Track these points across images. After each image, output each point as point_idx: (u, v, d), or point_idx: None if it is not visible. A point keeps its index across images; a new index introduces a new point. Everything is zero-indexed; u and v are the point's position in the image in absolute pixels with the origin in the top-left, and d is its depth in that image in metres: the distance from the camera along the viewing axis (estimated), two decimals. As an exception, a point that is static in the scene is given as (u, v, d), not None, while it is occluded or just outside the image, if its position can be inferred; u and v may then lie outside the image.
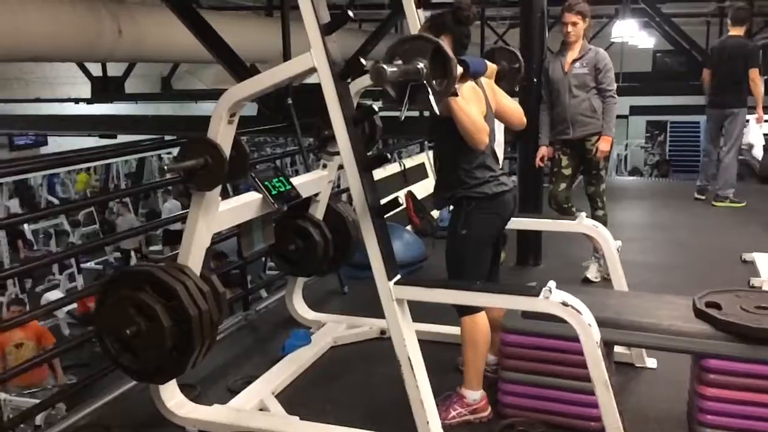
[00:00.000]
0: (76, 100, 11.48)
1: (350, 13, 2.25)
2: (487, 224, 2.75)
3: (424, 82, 1.98)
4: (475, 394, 2.72)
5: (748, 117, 6.36)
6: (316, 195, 3.47)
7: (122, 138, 11.43)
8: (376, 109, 2.34)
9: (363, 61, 2.24)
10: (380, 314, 3.65)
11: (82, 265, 9.36)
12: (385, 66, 1.91)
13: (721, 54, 6.29)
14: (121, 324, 2.41)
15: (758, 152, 6.75)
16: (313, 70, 2.29)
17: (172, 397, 2.73)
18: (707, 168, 6.72)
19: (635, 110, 16.04)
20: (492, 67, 2.98)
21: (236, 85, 2.45)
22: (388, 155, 6.23)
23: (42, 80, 14.05)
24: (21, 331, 5.69)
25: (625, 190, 7.60)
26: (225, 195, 2.73)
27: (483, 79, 2.77)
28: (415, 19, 3.20)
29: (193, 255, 2.57)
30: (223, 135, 2.46)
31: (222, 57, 4.97)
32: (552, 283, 2.21)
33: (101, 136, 11.78)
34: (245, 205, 2.88)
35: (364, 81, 3.09)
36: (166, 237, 8.67)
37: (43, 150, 14.63)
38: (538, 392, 2.66)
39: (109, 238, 7.61)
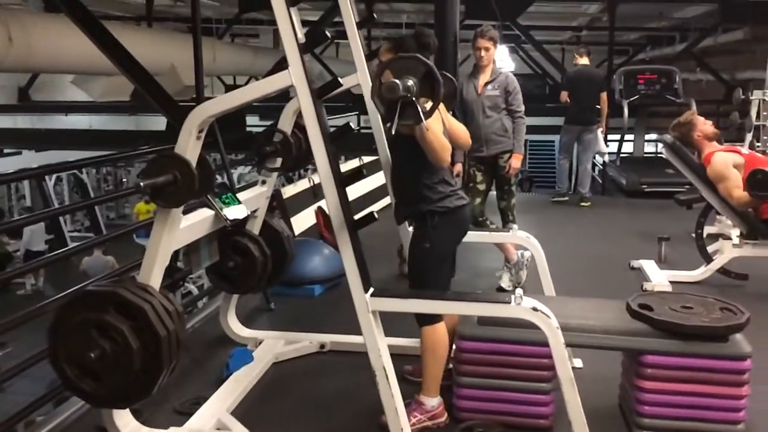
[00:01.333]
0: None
1: (327, 33, 2.31)
2: (450, 238, 2.89)
3: (413, 99, 2.09)
4: (433, 401, 2.84)
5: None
6: (254, 211, 3.46)
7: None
8: (353, 127, 2.41)
9: (339, 79, 2.31)
10: (313, 329, 3.78)
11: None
12: (397, 81, 2.00)
13: (578, 80, 7.69)
14: (84, 347, 2.31)
15: (606, 158, 9.01)
16: (289, 88, 2.33)
17: (126, 423, 2.62)
18: (563, 176, 8.00)
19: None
20: None
21: (208, 101, 2.43)
22: (298, 173, 6.23)
23: None
24: None
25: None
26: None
27: None
28: (350, 15, 3.27)
29: (155, 273, 2.50)
30: (191, 151, 2.43)
31: (126, 68, 4.84)
32: (520, 291, 2.37)
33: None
34: (201, 222, 2.84)
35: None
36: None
37: None
38: (492, 395, 2.81)
39: None
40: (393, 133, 2.22)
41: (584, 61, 7.79)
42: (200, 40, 4.87)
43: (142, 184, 2.28)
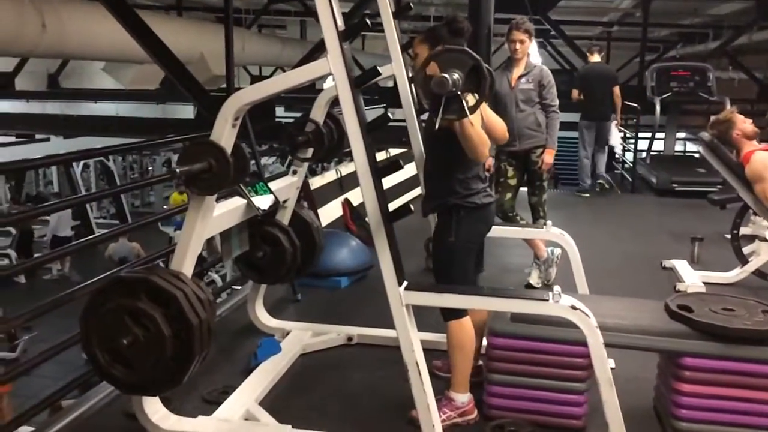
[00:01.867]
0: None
1: (368, 21, 2.27)
2: (475, 233, 2.85)
3: (459, 93, 2.04)
4: (463, 397, 2.79)
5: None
6: (284, 201, 3.43)
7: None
8: (390, 116, 2.36)
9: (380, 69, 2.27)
10: (339, 321, 3.75)
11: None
12: (446, 75, 1.95)
13: (589, 77, 7.93)
14: (116, 334, 2.30)
15: (618, 149, 9.33)
16: (328, 76, 2.29)
17: (156, 410, 2.61)
18: (585, 171, 7.98)
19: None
20: None
21: (245, 88, 2.40)
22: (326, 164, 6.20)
23: None
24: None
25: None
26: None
27: None
28: (386, 4, 3.23)
29: (188, 261, 2.49)
30: (227, 138, 2.40)
31: (158, 56, 4.83)
32: (558, 288, 2.32)
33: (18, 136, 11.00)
34: (232, 211, 2.82)
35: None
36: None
37: None
38: (524, 393, 2.76)
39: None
40: (437, 127, 2.17)
41: (596, 58, 8.04)
42: (232, 30, 4.88)
43: (177, 170, 2.25)
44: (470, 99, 2.16)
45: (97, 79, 14.01)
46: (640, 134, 9.15)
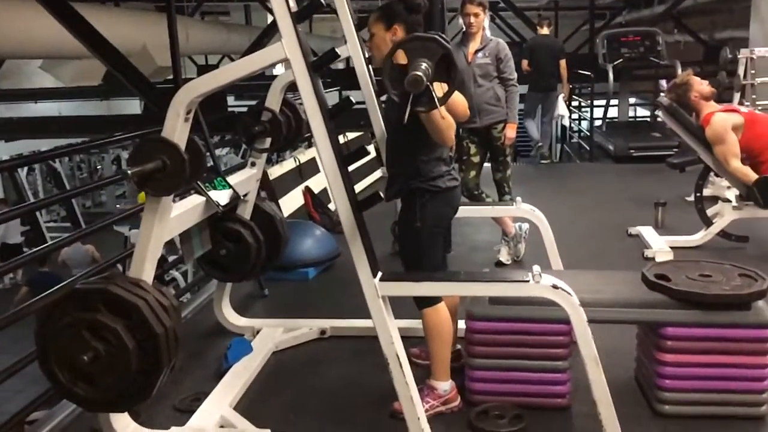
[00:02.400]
0: None
1: (322, 1, 2.14)
2: (441, 216, 2.75)
3: (428, 84, 1.94)
4: (445, 385, 2.72)
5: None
6: (245, 195, 3.29)
7: None
8: (353, 101, 2.25)
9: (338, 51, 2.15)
10: (310, 314, 3.64)
11: None
12: (420, 73, 1.86)
13: (537, 49, 8.09)
14: (75, 350, 2.15)
15: (566, 121, 9.47)
16: (284, 61, 2.16)
17: (125, 425, 2.48)
18: (534, 133, 8.18)
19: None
20: None
21: (195, 79, 2.25)
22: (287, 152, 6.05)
23: None
24: None
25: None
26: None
27: None
28: (345, 7, 3.12)
29: (147, 267, 2.34)
30: (179, 134, 2.25)
31: (97, 50, 4.61)
32: (537, 268, 2.25)
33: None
34: (190, 210, 2.67)
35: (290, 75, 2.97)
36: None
37: None
38: (507, 376, 2.71)
39: None
40: (405, 122, 2.06)
41: (545, 31, 8.31)
42: (175, 18, 4.65)
43: (129, 171, 2.10)
44: (439, 89, 2.05)
45: (37, 78, 13.48)
46: (595, 102, 9.21)
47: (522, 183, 7.54)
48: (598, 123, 9.54)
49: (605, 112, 9.36)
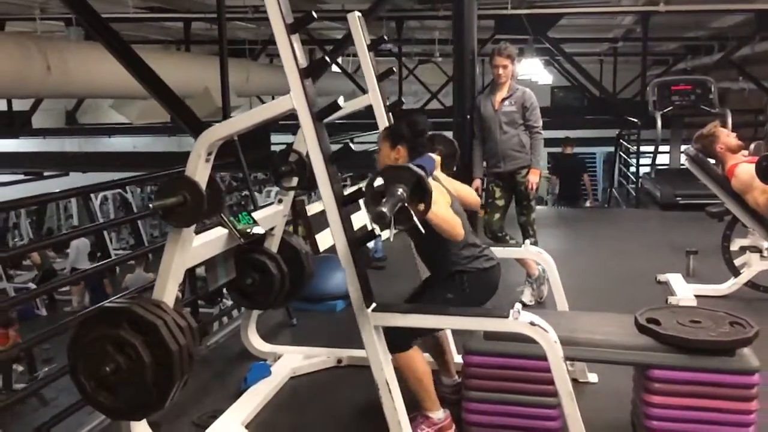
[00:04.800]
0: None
1: (327, 59, 2.40)
2: (476, 300, 2.91)
3: (406, 205, 2.24)
4: (439, 413, 2.87)
5: None
6: (272, 229, 3.56)
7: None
8: (353, 147, 2.49)
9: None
10: (333, 343, 3.85)
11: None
12: (384, 209, 2.13)
13: (562, 167, 10.34)
14: (100, 362, 2.43)
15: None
16: (292, 111, 2.43)
17: (144, 435, 2.73)
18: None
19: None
20: (436, 158, 3.18)
21: (216, 125, 2.54)
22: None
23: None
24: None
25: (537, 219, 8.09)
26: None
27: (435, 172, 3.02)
28: (361, 38, 3.40)
29: (169, 290, 2.61)
30: (200, 173, 2.54)
31: (156, 92, 5.03)
32: (518, 306, 2.41)
33: (26, 174, 11.33)
34: (214, 241, 2.95)
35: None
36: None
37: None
38: (501, 409, 2.83)
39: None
40: (391, 240, 2.39)
41: (568, 151, 10.06)
42: (227, 62, 5.04)
43: (152, 205, 2.39)
44: (417, 208, 2.31)
45: (112, 114, 14.40)
46: (643, 148, 9.22)
47: (564, 226, 7.64)
48: (647, 170, 9.51)
49: (654, 159, 9.32)
